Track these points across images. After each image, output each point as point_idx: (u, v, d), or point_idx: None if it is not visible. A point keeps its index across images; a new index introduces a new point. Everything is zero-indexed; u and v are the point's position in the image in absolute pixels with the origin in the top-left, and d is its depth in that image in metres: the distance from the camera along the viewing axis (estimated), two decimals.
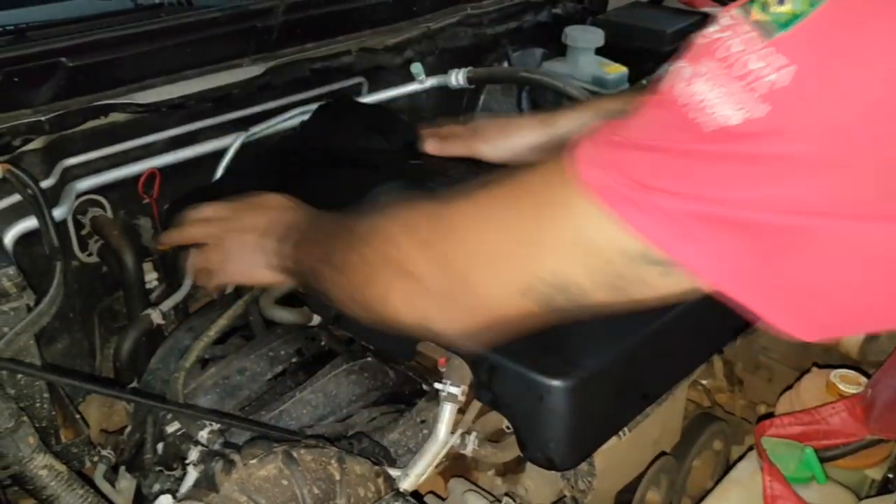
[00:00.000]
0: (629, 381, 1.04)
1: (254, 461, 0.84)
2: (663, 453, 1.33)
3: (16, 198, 1.25)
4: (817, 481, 1.02)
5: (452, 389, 1.03)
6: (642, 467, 1.29)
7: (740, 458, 1.13)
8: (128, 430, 1.27)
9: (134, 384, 1.38)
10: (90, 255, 1.49)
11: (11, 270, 1.04)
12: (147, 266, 1.58)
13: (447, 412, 1.03)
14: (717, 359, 1.63)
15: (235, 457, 0.84)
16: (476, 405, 1.07)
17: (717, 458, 1.54)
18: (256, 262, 1.11)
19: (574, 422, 0.97)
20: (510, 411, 0.99)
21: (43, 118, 1.26)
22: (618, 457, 1.16)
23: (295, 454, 0.87)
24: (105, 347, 1.54)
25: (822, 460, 1.04)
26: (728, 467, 1.29)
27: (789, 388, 1.27)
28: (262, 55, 1.51)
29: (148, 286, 1.57)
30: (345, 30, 1.63)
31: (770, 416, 1.17)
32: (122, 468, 1.22)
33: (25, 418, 0.95)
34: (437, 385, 1.04)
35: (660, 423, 1.26)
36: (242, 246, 1.14)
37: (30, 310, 1.07)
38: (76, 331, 1.49)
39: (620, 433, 1.08)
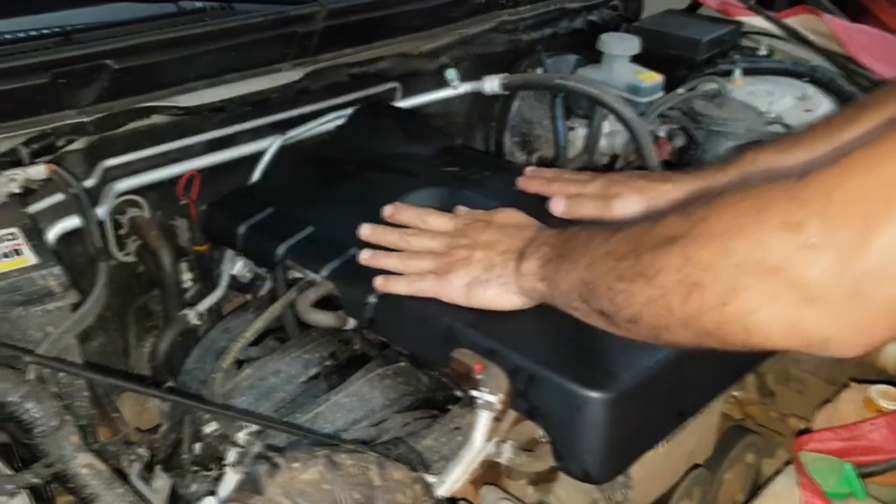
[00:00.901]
0: (668, 396, 1.04)
1: (297, 465, 0.85)
2: (696, 465, 1.32)
3: (55, 198, 1.27)
4: (856, 497, 1.01)
5: (489, 398, 1.03)
6: (676, 478, 1.28)
7: (777, 472, 1.13)
8: (163, 429, 1.29)
9: (170, 384, 1.40)
10: (128, 254, 1.50)
11: (57, 270, 1.06)
12: (183, 266, 1.60)
13: (483, 420, 1.03)
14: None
15: (280, 460, 0.84)
16: (511, 413, 1.07)
17: (748, 471, 1.53)
18: (492, 283, 1.04)
19: (611, 435, 0.97)
20: (546, 422, 0.99)
21: (87, 119, 1.29)
22: (653, 468, 1.16)
23: (336, 459, 0.87)
24: (138, 346, 1.56)
25: (862, 476, 1.04)
26: (764, 481, 1.28)
27: (826, 402, 1.26)
28: (302, 60, 1.53)
29: (184, 286, 1.60)
30: (382, 36, 1.64)
31: (808, 431, 1.17)
32: (158, 467, 1.24)
33: (69, 417, 0.96)
34: (473, 393, 1.04)
35: (695, 435, 1.26)
36: (473, 264, 1.07)
37: (74, 309, 1.08)
38: (112, 329, 1.51)
39: (658, 445, 1.08)
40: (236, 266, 1.51)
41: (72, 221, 1.32)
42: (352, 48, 1.59)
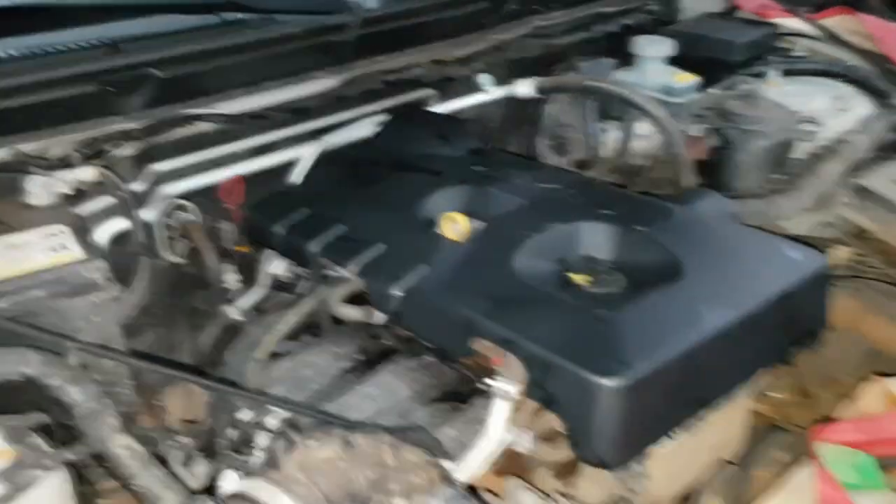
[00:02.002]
0: (683, 385, 1.05)
1: (313, 443, 0.89)
2: (728, 462, 1.32)
3: (106, 200, 1.34)
4: (876, 489, 1.01)
5: (506, 386, 1.06)
6: (698, 473, 1.28)
7: (795, 462, 1.12)
8: (204, 419, 1.35)
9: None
10: (178, 256, 1.58)
11: (101, 264, 1.13)
12: (230, 267, 1.67)
13: (500, 408, 1.06)
14: (786, 372, 1.61)
15: (297, 438, 0.89)
16: (530, 403, 1.09)
17: (784, 471, 1.51)
18: None
19: (624, 422, 0.99)
20: (562, 409, 1.02)
21: (135, 126, 1.36)
22: (672, 460, 1.17)
23: (352, 439, 0.92)
24: (186, 344, 1.63)
25: (882, 468, 1.03)
26: (780, 472, 1.28)
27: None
28: (338, 68, 1.58)
29: (231, 286, 1.66)
30: (415, 43, 1.69)
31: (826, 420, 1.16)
32: (198, 454, 1.30)
33: (109, 400, 1.02)
34: (490, 382, 1.07)
35: (719, 428, 1.26)
36: None
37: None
38: (160, 326, 1.58)
39: (672, 433, 1.09)
40: (278, 266, 1.57)
41: (120, 222, 1.40)
42: (385, 55, 1.64)
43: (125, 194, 1.28)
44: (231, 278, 1.65)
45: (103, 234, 1.35)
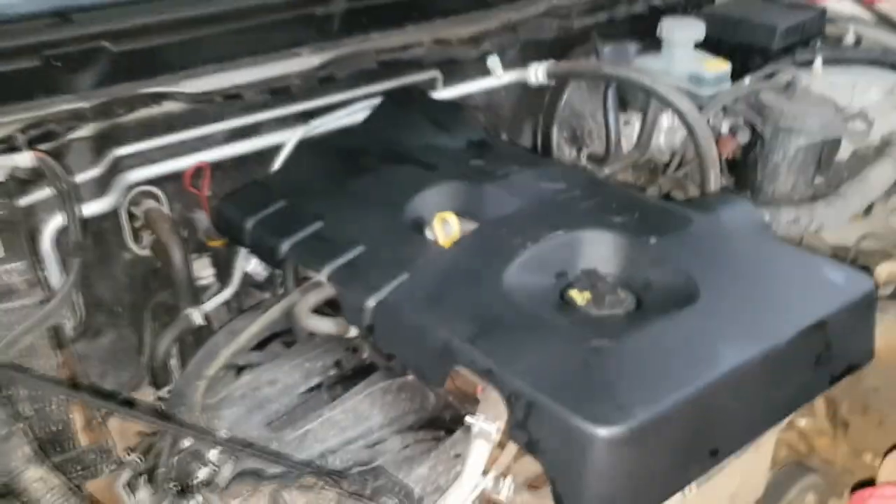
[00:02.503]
0: (695, 433, 0.88)
1: (235, 502, 0.74)
2: None
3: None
4: None
5: (485, 426, 0.90)
6: None
7: None
8: (150, 438, 1.21)
9: (164, 391, 1.32)
10: (143, 248, 1.44)
11: (21, 266, 0.99)
12: (205, 261, 1.53)
13: (478, 450, 0.90)
14: (819, 398, 1.43)
15: (213, 498, 0.73)
16: (513, 445, 0.93)
17: None
18: None
19: (621, 477, 0.82)
20: (547, 458, 0.85)
21: (86, 105, 1.21)
22: None
23: (286, 495, 0.76)
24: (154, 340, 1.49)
25: None
26: None
27: (894, 448, 1.07)
28: (323, 44, 1.42)
29: (205, 282, 1.52)
30: (414, 19, 1.52)
31: (870, 483, 0.98)
32: (143, 478, 1.16)
33: (21, 426, 0.88)
34: (468, 419, 0.91)
35: (738, 475, 1.09)
36: None
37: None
38: (124, 326, 1.44)
39: (682, 490, 0.92)
40: (250, 263, 1.43)
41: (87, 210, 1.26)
42: (380, 32, 1.47)
43: (64, 185, 1.13)
44: (205, 274, 1.52)
45: (49, 229, 1.21)
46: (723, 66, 1.57)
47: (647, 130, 1.57)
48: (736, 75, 1.60)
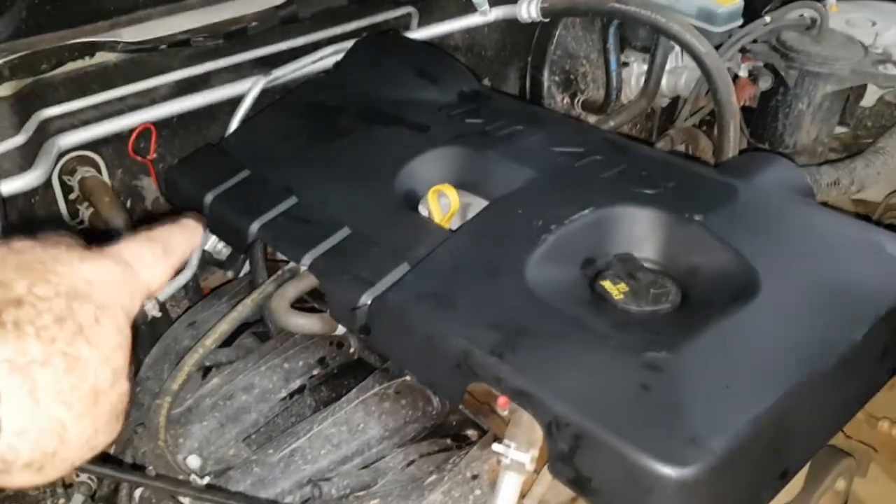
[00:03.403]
0: (768, 457, 0.74)
1: None
2: None
3: None
4: None
5: (518, 456, 0.75)
6: None
7: None
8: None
9: None
10: (81, 223, 1.24)
11: None
12: None
13: (510, 486, 0.76)
14: None
15: None
16: (547, 474, 0.78)
17: (837, 499, 1.24)
18: None
19: None
20: (602, 500, 0.71)
21: (2, 59, 0.99)
22: None
23: None
24: None
25: None
26: None
27: None
28: None
29: None
30: None
31: None
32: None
33: None
34: (496, 447, 0.76)
35: None
36: None
37: None
38: None
39: None
40: (209, 241, 1.23)
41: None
42: None
43: None
44: None
45: None
46: (735, 1, 1.40)
47: (655, 74, 1.40)
48: (745, 11, 1.44)
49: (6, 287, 0.46)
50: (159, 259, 0.58)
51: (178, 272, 1.24)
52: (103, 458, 0.91)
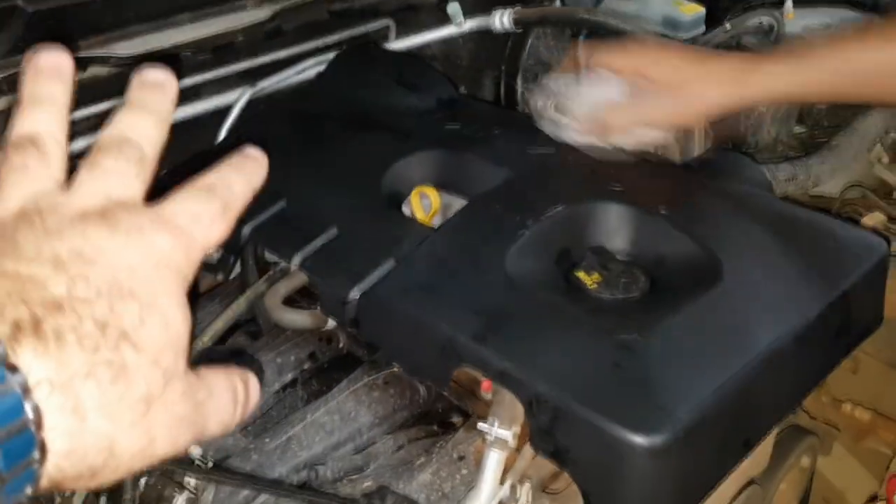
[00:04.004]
0: (731, 426, 0.81)
1: None
2: (749, 482, 1.11)
3: None
4: None
5: (501, 433, 0.81)
6: (726, 503, 1.07)
7: None
8: None
9: None
10: None
11: None
12: None
13: (494, 461, 0.81)
14: None
15: None
16: (529, 449, 0.84)
17: (803, 476, 1.31)
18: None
19: (664, 486, 0.75)
20: (579, 470, 0.77)
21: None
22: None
23: None
24: None
25: None
26: None
27: None
28: None
29: None
30: None
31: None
32: (104, 498, 1.03)
33: None
34: (481, 426, 0.82)
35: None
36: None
37: None
38: None
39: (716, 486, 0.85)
40: None
41: None
42: None
43: None
44: None
45: None
46: (698, 9, 1.48)
47: None
48: (707, 19, 1.51)
49: (41, 286, 0.39)
50: (218, 217, 0.49)
51: None
52: None
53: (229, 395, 0.48)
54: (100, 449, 0.40)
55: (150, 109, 0.49)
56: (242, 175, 0.52)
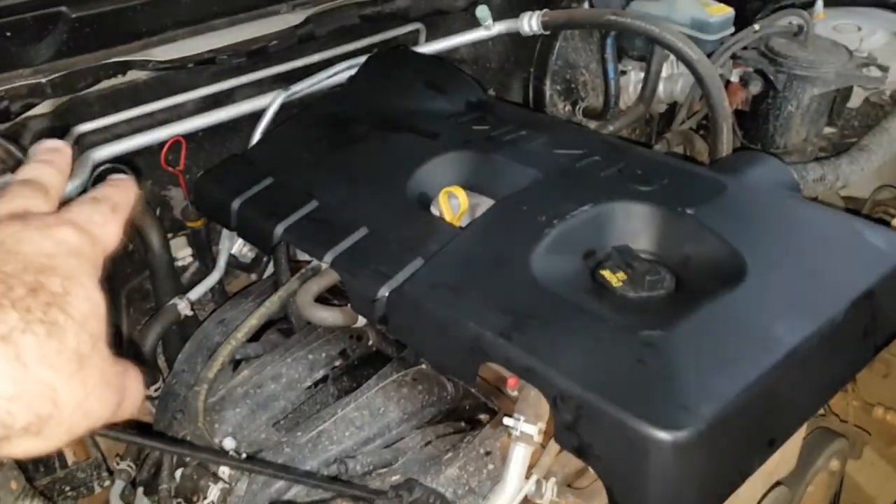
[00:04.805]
0: (756, 425, 0.81)
1: None
2: (777, 483, 1.11)
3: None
4: None
5: (527, 428, 0.82)
6: (753, 502, 1.07)
7: None
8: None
9: (158, 385, 1.22)
10: None
11: None
12: (181, 241, 1.42)
13: (520, 455, 0.83)
14: None
15: None
16: (554, 445, 0.86)
17: (832, 480, 1.31)
18: None
19: (686, 483, 0.76)
20: (602, 465, 0.78)
21: (44, 79, 1.08)
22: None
23: None
24: (135, 331, 1.38)
25: None
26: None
27: None
28: (302, 1, 1.29)
29: (182, 263, 1.42)
30: None
31: None
32: (140, 490, 1.06)
33: (7, 460, 0.77)
34: (507, 421, 0.83)
35: (777, 453, 1.03)
36: None
37: None
38: None
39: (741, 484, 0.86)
40: (235, 244, 1.32)
41: None
42: None
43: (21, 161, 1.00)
44: (182, 255, 1.41)
45: None
46: (726, 10, 1.48)
47: (651, 81, 1.48)
48: (736, 20, 1.52)
49: None
50: (109, 218, 0.58)
51: (207, 274, 1.33)
52: (149, 434, 0.99)
53: (139, 377, 0.55)
54: (44, 397, 0.46)
55: (51, 163, 0.60)
56: (119, 188, 0.62)
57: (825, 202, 1.34)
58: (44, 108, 1.17)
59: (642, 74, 1.53)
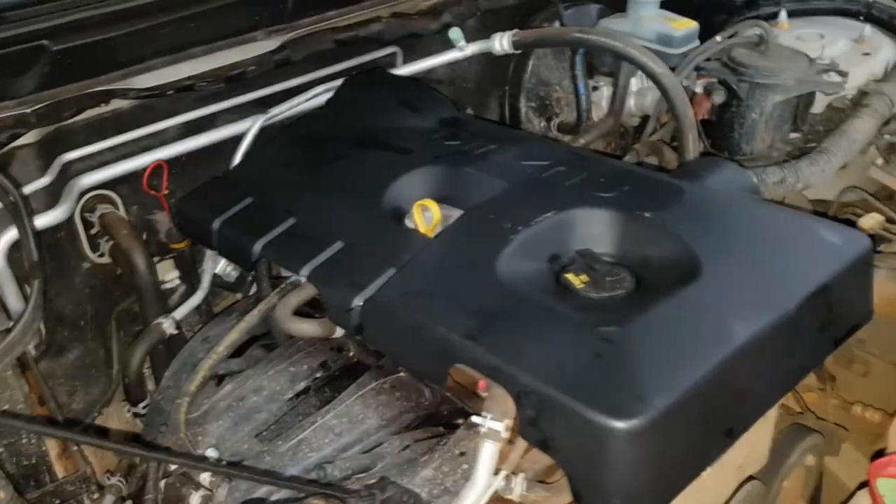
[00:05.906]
0: (711, 415, 0.85)
1: None
2: (750, 478, 1.14)
3: None
4: None
5: (494, 425, 0.85)
6: (724, 498, 1.10)
7: (850, 496, 0.94)
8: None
9: (146, 403, 1.25)
10: (102, 255, 1.36)
11: None
12: (169, 264, 1.45)
13: (488, 452, 0.86)
14: None
15: None
16: (522, 441, 0.89)
17: (809, 475, 1.33)
18: None
19: (643, 470, 0.79)
20: (563, 456, 0.81)
21: (28, 110, 1.12)
22: (695, 492, 0.97)
23: None
24: (125, 353, 1.42)
25: None
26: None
27: None
28: (278, 27, 1.34)
29: (170, 286, 1.45)
30: None
31: (883, 452, 0.97)
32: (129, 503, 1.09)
33: None
34: (475, 419, 0.86)
35: (745, 447, 1.07)
36: None
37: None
38: (90, 339, 1.36)
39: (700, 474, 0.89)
40: (219, 264, 1.35)
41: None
42: (335, 10, 1.40)
43: (12, 198, 1.04)
44: (169, 277, 1.45)
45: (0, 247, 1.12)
46: (690, 25, 1.53)
47: (619, 96, 1.52)
48: (701, 33, 1.56)
49: None
50: None
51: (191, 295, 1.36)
52: (134, 442, 1.02)
53: None
54: None
55: None
56: None
57: (791, 205, 1.38)
58: (30, 137, 1.21)
59: (612, 89, 1.57)
